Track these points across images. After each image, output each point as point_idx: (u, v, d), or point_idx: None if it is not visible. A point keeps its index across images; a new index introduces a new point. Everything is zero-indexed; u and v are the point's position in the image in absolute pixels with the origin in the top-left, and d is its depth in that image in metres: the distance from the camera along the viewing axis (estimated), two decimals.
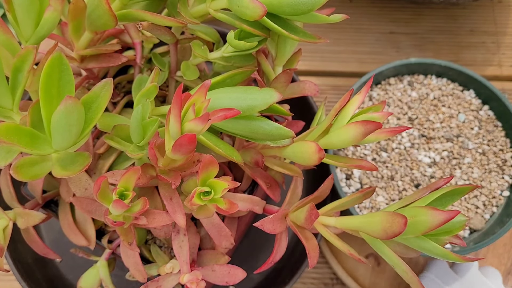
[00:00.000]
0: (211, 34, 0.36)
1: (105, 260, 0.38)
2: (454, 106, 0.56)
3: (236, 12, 0.30)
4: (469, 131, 0.55)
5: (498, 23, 0.68)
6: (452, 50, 0.66)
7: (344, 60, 0.66)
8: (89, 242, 0.37)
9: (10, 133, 0.28)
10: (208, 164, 0.30)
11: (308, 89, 0.38)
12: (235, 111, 0.28)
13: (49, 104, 0.29)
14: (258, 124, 0.31)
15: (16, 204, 0.37)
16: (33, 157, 0.31)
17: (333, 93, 0.64)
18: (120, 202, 0.30)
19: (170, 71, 0.38)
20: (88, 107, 0.30)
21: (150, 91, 0.32)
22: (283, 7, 0.30)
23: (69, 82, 0.30)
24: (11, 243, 0.38)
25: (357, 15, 0.68)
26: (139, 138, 0.31)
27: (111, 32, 0.36)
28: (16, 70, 0.30)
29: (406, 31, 0.67)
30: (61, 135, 0.29)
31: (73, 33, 0.34)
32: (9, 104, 0.30)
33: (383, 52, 0.66)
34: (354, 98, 0.32)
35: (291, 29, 0.31)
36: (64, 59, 0.29)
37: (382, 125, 0.31)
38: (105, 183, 0.30)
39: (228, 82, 0.34)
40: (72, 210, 0.38)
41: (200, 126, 0.27)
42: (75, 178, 0.34)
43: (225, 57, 0.34)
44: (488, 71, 0.65)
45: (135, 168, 0.30)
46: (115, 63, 0.34)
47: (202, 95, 0.27)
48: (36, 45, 0.31)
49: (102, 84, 0.30)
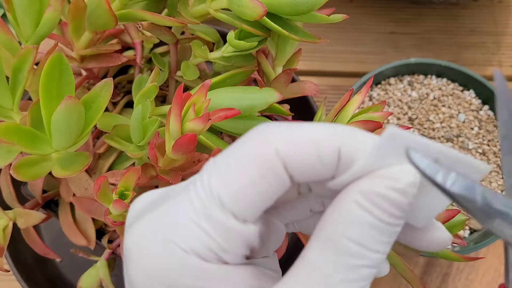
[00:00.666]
0: (211, 34, 0.36)
1: (105, 260, 0.38)
2: (454, 106, 0.56)
3: (236, 12, 0.30)
4: (469, 131, 0.55)
5: (498, 23, 0.68)
6: (452, 50, 0.66)
7: (344, 60, 0.66)
8: (89, 242, 0.37)
9: (10, 133, 0.28)
10: None
11: (308, 89, 0.38)
12: (235, 111, 0.28)
13: (49, 104, 0.29)
14: (258, 124, 0.31)
15: (16, 204, 0.37)
16: (33, 157, 0.31)
17: (333, 93, 0.64)
18: (120, 202, 0.30)
19: (170, 71, 0.38)
20: (88, 107, 0.30)
21: (150, 91, 0.32)
22: (283, 7, 0.30)
23: (69, 82, 0.30)
24: (11, 243, 0.38)
25: (357, 15, 0.68)
26: (139, 138, 0.31)
27: (111, 32, 0.36)
28: (16, 70, 0.30)
29: (406, 31, 0.67)
30: (61, 135, 0.29)
31: (73, 33, 0.34)
32: (9, 104, 0.31)
33: (383, 52, 0.66)
34: (354, 98, 0.32)
35: (291, 29, 0.31)
36: (64, 59, 0.29)
37: (382, 125, 0.31)
38: (105, 183, 0.30)
39: (228, 82, 0.34)
40: (72, 210, 0.38)
41: (201, 126, 0.27)
42: (75, 178, 0.34)
43: (225, 57, 0.34)
44: (488, 71, 0.65)
45: (135, 168, 0.30)
46: (115, 63, 0.34)
47: (203, 95, 0.27)
48: (36, 45, 0.31)
49: (102, 84, 0.30)
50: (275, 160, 0.18)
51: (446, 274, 0.54)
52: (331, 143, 0.18)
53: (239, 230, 0.19)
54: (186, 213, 0.19)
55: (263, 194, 0.18)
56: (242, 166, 0.18)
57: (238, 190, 0.18)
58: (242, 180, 0.18)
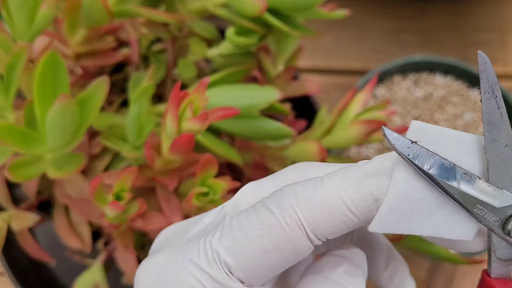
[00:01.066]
0: (209, 30, 0.35)
1: (101, 263, 0.38)
2: (459, 105, 0.56)
3: (236, 8, 0.30)
4: (475, 131, 0.54)
5: (503, 20, 0.67)
6: (457, 47, 0.66)
7: (347, 57, 0.65)
8: (85, 244, 0.36)
9: (4, 133, 0.28)
10: (207, 164, 0.29)
11: (310, 87, 0.37)
12: (235, 110, 0.27)
13: (44, 103, 0.29)
14: (258, 124, 0.31)
15: (10, 205, 0.37)
16: (28, 158, 0.30)
17: (336, 91, 0.63)
18: (116, 203, 0.29)
19: (167, 69, 0.38)
20: (83, 106, 0.30)
21: (147, 89, 0.32)
22: (284, 2, 0.29)
23: (64, 81, 0.29)
24: (6, 246, 0.38)
25: (361, 12, 0.67)
26: (135, 137, 0.31)
27: (107, 29, 0.35)
28: (10, 68, 0.30)
29: (410, 28, 0.67)
30: (55, 135, 0.29)
31: (68, 30, 0.33)
32: (3, 103, 0.30)
33: (387, 49, 0.65)
34: (358, 96, 0.32)
35: (292, 25, 0.31)
36: (59, 57, 0.29)
37: (386, 124, 0.30)
38: (100, 184, 0.29)
39: (227, 80, 0.33)
40: (67, 212, 0.37)
41: (198, 126, 0.26)
42: (70, 179, 0.34)
43: (224, 54, 0.34)
44: (494, 68, 0.64)
45: (132, 169, 0.30)
46: (111, 61, 0.34)
47: (200, 94, 0.27)
48: (30, 42, 0.31)
49: (98, 83, 0.30)
50: (292, 232, 0.17)
51: (451, 277, 0.53)
52: (358, 194, 0.17)
53: None
54: (191, 267, 0.18)
55: (274, 265, 0.18)
56: (255, 235, 0.17)
57: (247, 259, 0.17)
58: (254, 249, 0.17)
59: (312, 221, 0.17)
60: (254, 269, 0.18)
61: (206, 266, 0.18)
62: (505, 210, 0.18)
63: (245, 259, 0.17)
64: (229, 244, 0.18)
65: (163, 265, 0.19)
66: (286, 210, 0.17)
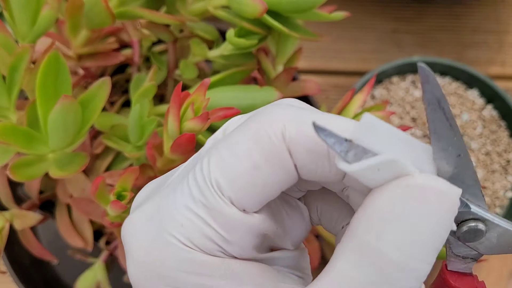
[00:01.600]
0: (210, 32, 0.35)
1: (102, 262, 0.38)
2: (457, 106, 0.56)
3: (236, 10, 0.30)
4: (472, 131, 0.54)
5: (501, 21, 0.68)
6: (455, 48, 0.66)
7: (346, 58, 0.65)
8: (87, 243, 0.36)
9: (7, 133, 0.28)
10: None
11: (309, 88, 0.37)
12: (235, 110, 0.27)
13: (46, 103, 0.29)
14: None
15: (13, 205, 0.37)
16: (30, 157, 0.30)
17: (335, 91, 0.63)
18: (118, 203, 0.29)
19: (168, 69, 0.38)
20: (85, 107, 0.30)
21: (148, 90, 0.32)
22: (284, 4, 0.29)
23: (66, 81, 0.29)
24: (8, 245, 0.38)
25: (359, 13, 0.67)
26: (137, 137, 0.31)
27: (109, 30, 0.35)
28: (13, 69, 0.30)
29: (408, 29, 0.67)
30: (58, 135, 0.29)
31: (70, 31, 0.33)
32: (6, 103, 0.30)
33: (386, 50, 0.66)
34: (356, 97, 0.32)
35: (292, 27, 0.31)
36: (61, 58, 0.29)
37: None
38: (102, 183, 0.29)
39: (228, 80, 0.33)
40: (69, 211, 0.37)
41: (200, 126, 0.26)
42: (72, 178, 0.34)
43: (225, 55, 0.34)
44: (491, 69, 0.65)
45: (133, 169, 0.30)
46: (112, 62, 0.34)
47: (201, 94, 0.27)
48: (33, 44, 0.31)
49: (100, 83, 0.30)
50: (281, 144, 0.16)
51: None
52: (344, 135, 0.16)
53: (240, 218, 0.17)
54: (183, 201, 0.17)
55: (265, 183, 0.17)
56: (243, 150, 0.16)
57: (238, 177, 0.16)
58: (243, 165, 0.16)
59: (295, 143, 0.16)
60: (245, 188, 0.17)
61: (197, 194, 0.17)
62: (457, 215, 0.17)
63: (236, 177, 0.16)
64: (218, 162, 0.17)
65: (153, 210, 0.18)
66: (275, 123, 0.17)
